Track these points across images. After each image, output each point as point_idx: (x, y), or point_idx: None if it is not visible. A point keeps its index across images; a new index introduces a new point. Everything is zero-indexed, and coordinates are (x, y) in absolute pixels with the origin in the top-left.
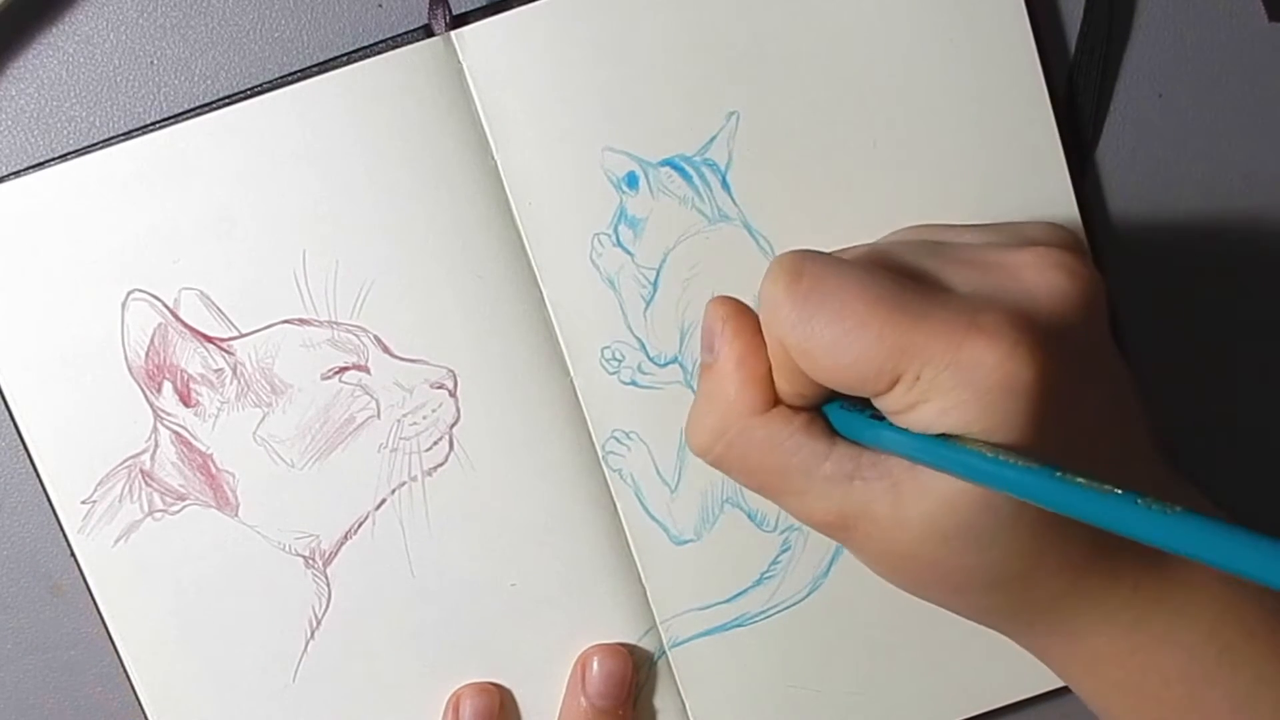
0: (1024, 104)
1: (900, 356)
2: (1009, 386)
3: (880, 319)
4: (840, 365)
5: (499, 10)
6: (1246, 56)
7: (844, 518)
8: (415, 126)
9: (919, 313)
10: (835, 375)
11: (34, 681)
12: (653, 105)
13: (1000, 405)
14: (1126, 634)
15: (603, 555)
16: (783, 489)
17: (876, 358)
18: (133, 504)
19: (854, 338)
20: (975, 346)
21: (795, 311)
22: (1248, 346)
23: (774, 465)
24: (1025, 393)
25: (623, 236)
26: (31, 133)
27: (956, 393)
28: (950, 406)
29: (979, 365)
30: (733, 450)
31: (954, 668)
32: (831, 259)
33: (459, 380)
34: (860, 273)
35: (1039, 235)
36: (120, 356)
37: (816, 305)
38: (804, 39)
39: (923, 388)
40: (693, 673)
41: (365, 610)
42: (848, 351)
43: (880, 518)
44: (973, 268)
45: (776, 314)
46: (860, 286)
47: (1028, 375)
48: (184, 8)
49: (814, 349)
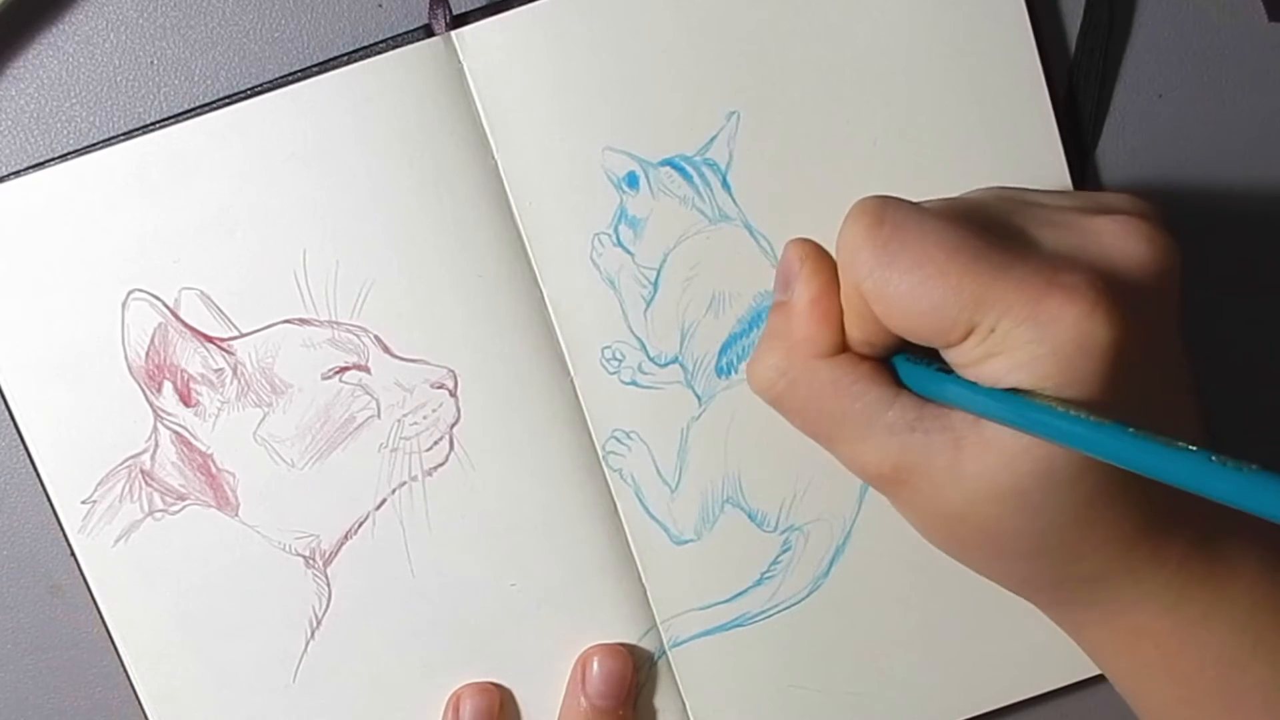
0: (1024, 104)
1: (977, 308)
2: (1085, 345)
3: (959, 269)
4: (916, 313)
5: (499, 10)
6: (1246, 56)
7: (899, 470)
8: (415, 126)
9: (999, 266)
10: (910, 323)
11: (34, 681)
12: (653, 105)
13: (1075, 363)
14: (1167, 613)
15: (603, 555)
16: (840, 435)
17: (953, 307)
18: (133, 504)
19: (932, 286)
20: (1054, 302)
21: (874, 257)
22: (1247, 347)
23: (835, 410)
24: (1100, 352)
25: (623, 236)
26: (31, 133)
27: (1032, 348)
28: (1024, 361)
29: (1057, 322)
30: (795, 390)
31: (954, 668)
32: (913, 207)
33: (459, 380)
34: (942, 222)
35: (1120, 204)
36: (120, 356)
37: (896, 251)
38: (804, 39)
39: (997, 340)
40: (693, 673)
41: (365, 610)
42: (925, 299)
43: (937, 472)
44: (1054, 228)
45: (855, 258)
46: (941, 235)
47: (1104, 336)
48: (184, 8)
49: (891, 295)
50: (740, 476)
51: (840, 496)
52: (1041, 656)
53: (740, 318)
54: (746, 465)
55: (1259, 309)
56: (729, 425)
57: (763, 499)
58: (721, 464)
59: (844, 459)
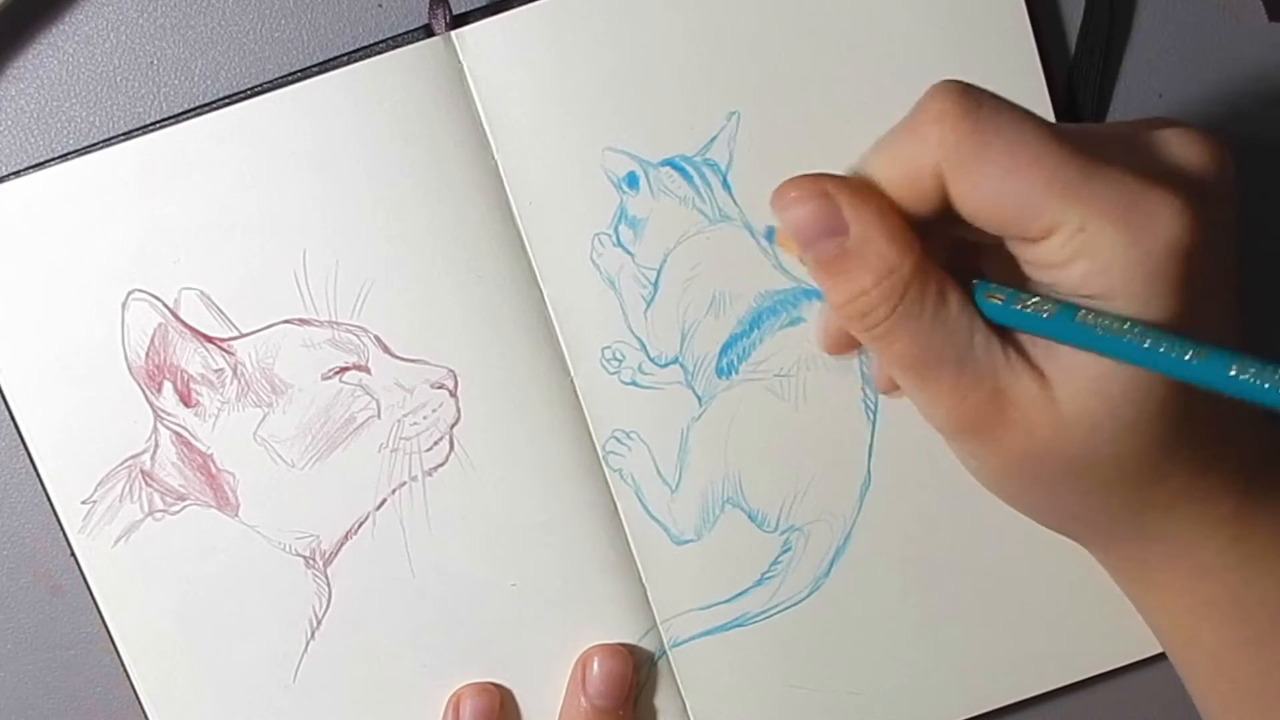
0: (1024, 104)
1: (1069, 203)
2: (1176, 248)
3: (1056, 160)
4: (1003, 200)
5: (499, 10)
6: (1246, 56)
7: (996, 403)
8: (415, 126)
9: (1093, 165)
10: (992, 210)
11: (34, 681)
12: (653, 105)
13: (1163, 268)
14: (1231, 547)
15: (603, 555)
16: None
17: (1044, 199)
18: (133, 504)
19: (1026, 173)
20: (1150, 204)
21: (971, 134)
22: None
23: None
24: (1186, 256)
25: (623, 236)
26: (31, 133)
27: (1121, 250)
28: (1111, 264)
29: (1152, 224)
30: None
31: (954, 668)
32: (1004, 99)
33: (459, 380)
34: (1036, 117)
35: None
36: (120, 356)
37: (994, 132)
38: (804, 39)
39: (1084, 240)
40: (693, 673)
41: (365, 610)
42: (1016, 186)
43: (1029, 402)
44: (1125, 142)
45: (950, 131)
46: (1038, 125)
47: (1193, 239)
48: (184, 8)
49: (979, 175)
50: (740, 476)
51: (840, 496)
52: (1041, 656)
53: (740, 318)
54: (747, 465)
55: (1259, 310)
56: (729, 425)
57: (763, 499)
58: (722, 464)
59: (930, 400)
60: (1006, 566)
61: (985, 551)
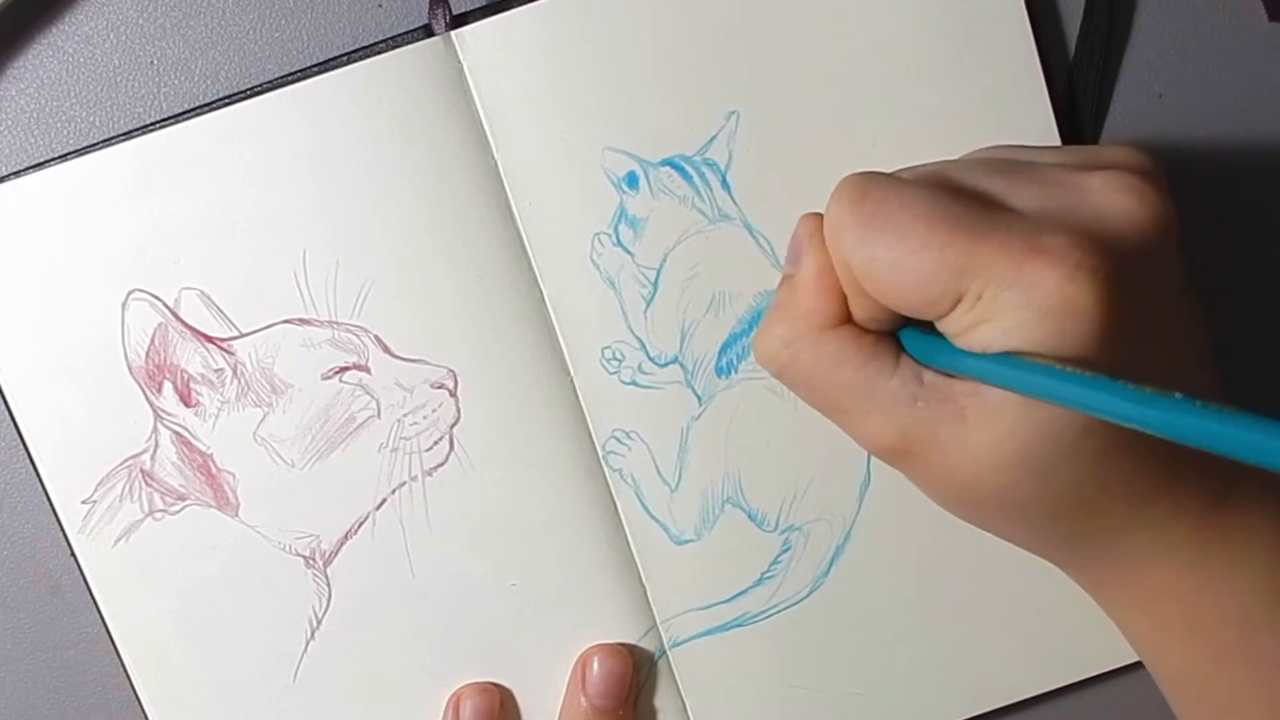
0: (1024, 104)
1: (961, 276)
2: (1070, 308)
3: (941, 239)
4: (902, 287)
5: (499, 10)
6: (1246, 56)
7: (907, 441)
8: (415, 126)
9: (981, 233)
10: (898, 297)
11: (34, 681)
12: (653, 105)
13: (1063, 325)
14: (1188, 569)
15: (603, 555)
16: (845, 407)
17: (938, 278)
18: (133, 504)
19: (916, 259)
20: (1037, 267)
21: (858, 233)
22: (1247, 347)
23: (839, 381)
24: (1088, 314)
25: (623, 236)
26: (31, 133)
27: (1018, 313)
28: (1012, 326)
29: (1040, 286)
30: (799, 361)
31: (954, 668)
32: (895, 180)
33: (459, 380)
34: (924, 193)
35: (1116, 158)
36: (120, 356)
37: (880, 227)
38: (804, 38)
39: (984, 308)
40: (693, 673)
41: (365, 610)
42: (910, 272)
43: (943, 443)
44: (1041, 186)
45: (841, 236)
46: (923, 207)
47: (1089, 298)
48: (184, 8)
49: (876, 271)
50: (740, 476)
51: (840, 496)
52: (1041, 656)
53: (740, 317)
54: (746, 465)
55: (1259, 310)
56: (729, 425)
57: (763, 499)
58: (722, 464)
59: (853, 432)
60: (1006, 566)
61: (985, 551)
